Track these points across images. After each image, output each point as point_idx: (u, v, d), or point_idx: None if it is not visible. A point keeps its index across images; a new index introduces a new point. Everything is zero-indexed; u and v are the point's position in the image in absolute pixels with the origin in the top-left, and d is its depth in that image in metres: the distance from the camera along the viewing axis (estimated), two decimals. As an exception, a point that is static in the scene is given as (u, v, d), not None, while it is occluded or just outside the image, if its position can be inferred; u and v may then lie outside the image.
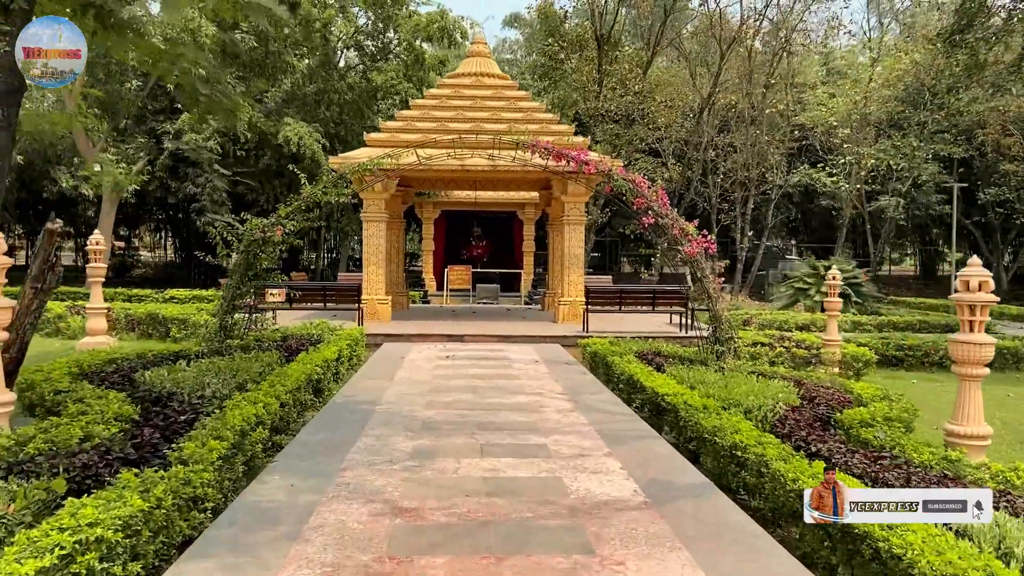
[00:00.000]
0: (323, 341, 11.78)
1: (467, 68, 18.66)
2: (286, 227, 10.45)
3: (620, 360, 10.55)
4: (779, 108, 26.91)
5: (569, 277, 16.73)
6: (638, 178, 10.95)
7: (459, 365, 11.41)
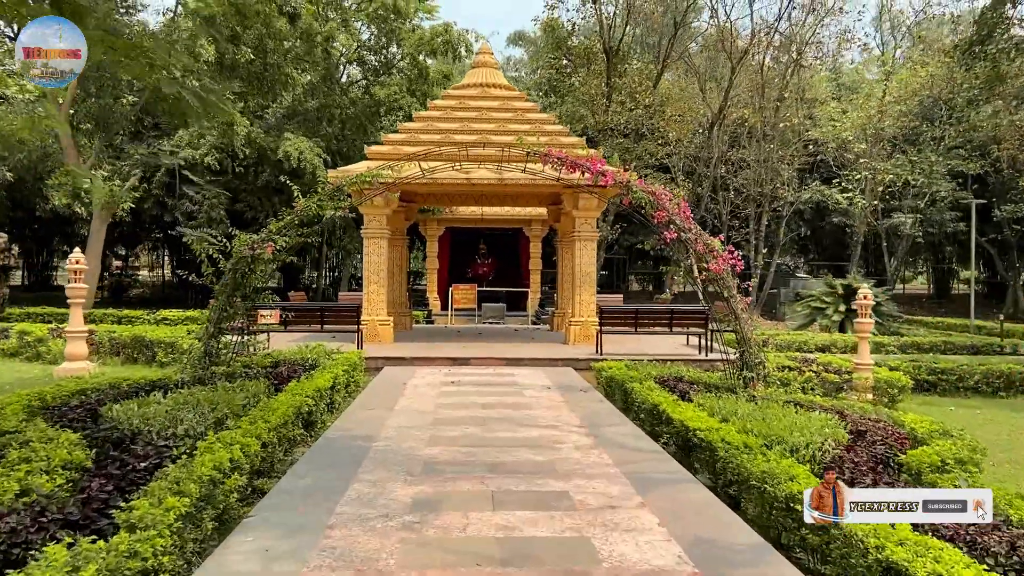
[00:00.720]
0: (318, 367, 10.91)
1: (473, 79, 17.93)
2: (277, 243, 9.62)
3: (640, 387, 9.68)
4: (792, 123, 26.15)
5: (580, 296, 15.87)
6: (659, 190, 10.12)
7: (465, 392, 10.53)
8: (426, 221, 27.14)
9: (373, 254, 15.72)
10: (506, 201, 20.49)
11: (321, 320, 13.54)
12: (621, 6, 25.48)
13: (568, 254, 19.12)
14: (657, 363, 12.17)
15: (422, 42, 26.39)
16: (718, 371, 11.64)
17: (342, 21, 25.12)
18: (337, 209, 10.03)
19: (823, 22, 26.19)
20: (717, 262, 9.89)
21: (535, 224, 27.30)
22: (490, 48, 18.37)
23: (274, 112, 28.45)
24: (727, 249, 10.11)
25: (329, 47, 25.34)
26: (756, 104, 26.30)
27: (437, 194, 19.69)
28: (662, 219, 9.99)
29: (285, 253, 9.93)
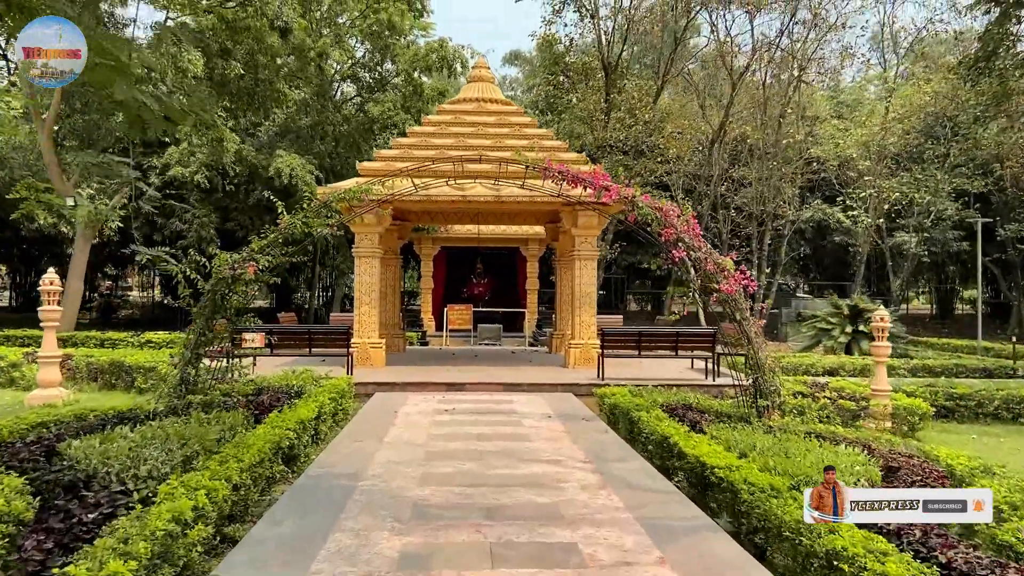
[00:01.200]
0: (304, 394, 10.26)
1: (468, 93, 17.42)
2: (260, 263, 9.00)
3: (648, 417, 9.05)
4: (796, 139, 25.69)
5: (581, 317, 15.25)
6: (666, 206, 9.54)
7: (460, 421, 9.87)
8: (421, 240, 26.57)
9: (365, 274, 15.10)
10: (503, 219, 19.93)
11: (309, 343, 12.89)
12: (620, 21, 25.10)
13: (567, 274, 18.54)
14: (662, 388, 11.54)
15: (417, 58, 25.96)
16: (727, 397, 11.02)
17: (335, 37, 24.68)
18: (325, 226, 9.43)
19: (825, 38, 25.85)
20: (729, 283, 9.30)
21: (532, 243, 26.76)
22: (486, 62, 17.89)
23: (267, 130, 27.95)
24: (739, 269, 9.53)
25: (322, 63, 24.89)
26: (758, 120, 25.85)
27: (432, 212, 19.13)
28: (670, 237, 9.41)
29: (268, 273, 9.32)
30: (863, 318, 22.07)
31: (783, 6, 24.69)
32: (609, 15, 24.75)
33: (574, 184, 9.72)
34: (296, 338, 13.06)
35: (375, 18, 24.80)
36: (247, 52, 20.95)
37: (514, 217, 19.71)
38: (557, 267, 18.87)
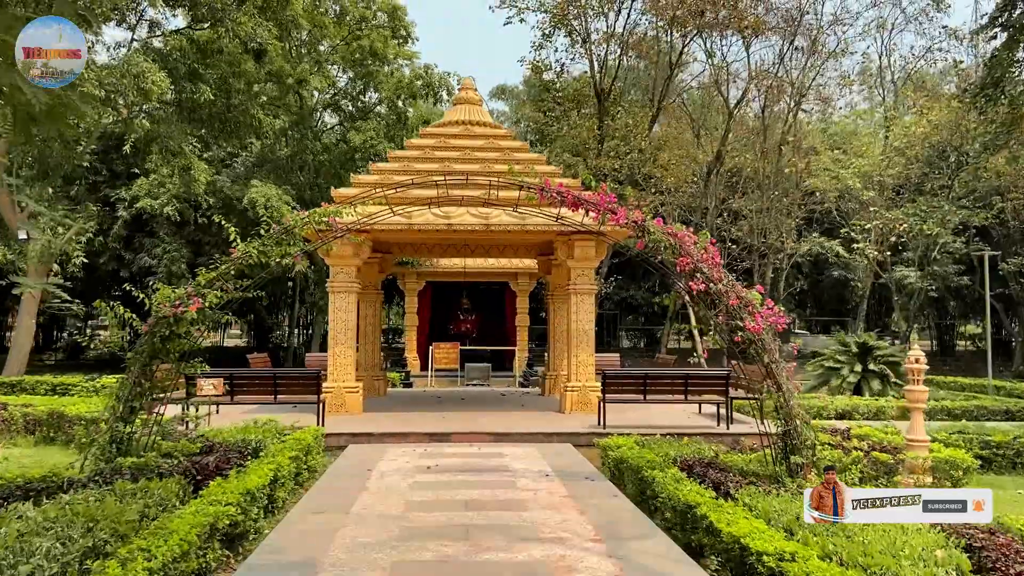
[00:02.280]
0: (263, 450, 8.84)
1: (454, 116, 16.28)
2: (207, 300, 7.65)
3: (663, 478, 7.70)
4: (798, 168, 24.74)
5: (578, 357, 13.92)
6: (681, 232, 8.31)
7: (444, 483, 8.45)
8: (405, 274, 25.28)
9: (341, 310, 13.74)
10: (491, 252, 18.69)
11: (274, 389, 11.45)
12: (613, 47, 24.21)
13: (561, 310, 17.25)
14: (671, 438, 10.20)
15: (401, 86, 24.92)
16: (748, 449, 9.67)
17: (315, 63, 23.60)
18: (286, 256, 8.11)
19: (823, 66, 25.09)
20: (755, 319, 8.04)
21: (522, 278, 25.53)
22: (473, 83, 16.78)
23: (244, 160, 26.73)
24: (766, 304, 8.27)
25: (302, 91, 23.77)
26: (757, 149, 24.90)
27: (415, 243, 17.86)
28: (686, 267, 8.15)
29: (219, 311, 7.96)
30: (872, 356, 20.86)
31: (783, 30, 23.96)
32: (601, 40, 23.89)
33: (574, 207, 8.47)
34: (259, 383, 11.62)
35: (357, 45, 23.79)
36: (219, 76, 19.79)
37: (503, 249, 18.46)
38: (550, 302, 17.60)
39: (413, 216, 13.43)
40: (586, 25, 23.73)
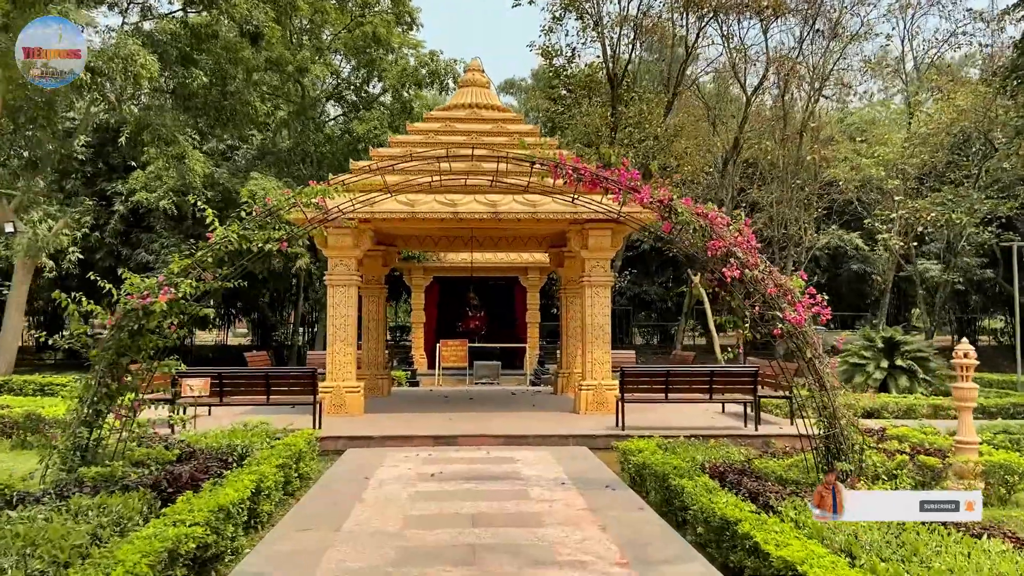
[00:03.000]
0: (249, 456, 8.02)
1: (461, 99, 15.41)
2: (180, 290, 6.81)
3: (694, 487, 6.83)
4: (821, 155, 23.72)
5: (593, 354, 13.04)
6: (712, 212, 7.42)
7: (449, 493, 7.59)
8: (411, 269, 24.45)
9: (340, 305, 12.91)
10: (500, 244, 17.83)
11: (266, 390, 10.62)
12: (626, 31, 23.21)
13: (574, 304, 16.38)
14: (696, 441, 9.33)
15: (406, 73, 24.03)
16: (778, 453, 8.77)
17: (316, 50, 22.73)
18: (271, 242, 7.26)
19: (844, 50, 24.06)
20: (796, 309, 7.15)
21: (532, 272, 24.65)
22: (480, 64, 15.87)
23: (244, 153, 25.97)
24: (807, 292, 7.38)
25: (302, 79, 22.93)
26: (777, 135, 23.86)
27: (420, 236, 17.03)
28: (718, 251, 7.26)
29: (196, 303, 7.12)
30: (899, 352, 19.90)
31: (803, 12, 22.95)
32: (614, 23, 22.91)
33: (592, 185, 7.58)
34: (250, 383, 10.78)
35: (359, 31, 22.93)
36: (214, 62, 18.97)
37: (513, 242, 17.61)
38: (562, 297, 16.72)
39: (416, 204, 12.59)
40: (598, 7, 22.78)
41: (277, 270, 24.99)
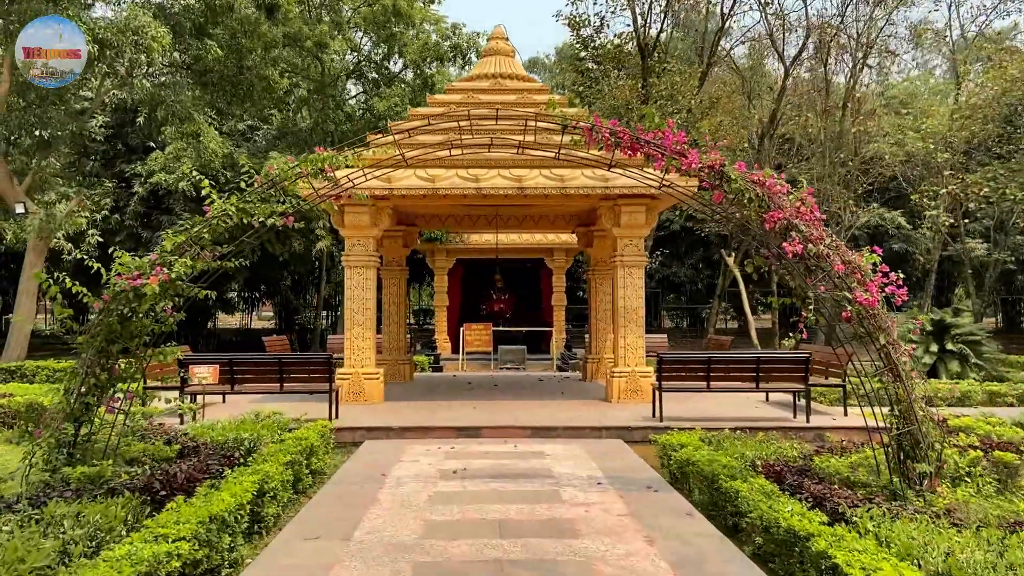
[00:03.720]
0: (257, 451, 7.37)
1: (484, 69, 14.56)
2: (174, 270, 6.12)
3: (750, 491, 6.07)
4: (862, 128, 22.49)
5: (625, 339, 12.23)
6: (770, 179, 6.56)
7: (472, 495, 6.86)
8: (434, 251, 23.74)
9: (358, 287, 12.22)
10: (525, 224, 17.01)
11: (280, 377, 9.96)
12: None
13: (603, 286, 15.57)
14: (741, 434, 8.52)
15: (427, 48, 23.19)
16: (836, 449, 7.93)
17: (335, 24, 21.94)
18: (272, 216, 6.53)
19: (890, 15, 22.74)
20: (868, 290, 6.28)
21: (558, 253, 23.82)
22: (504, 32, 14.98)
23: (265, 133, 25.34)
24: (880, 271, 6.51)
25: (321, 55, 22.19)
26: (819, 106, 22.65)
27: (441, 215, 16.27)
28: (776, 223, 6.41)
29: (192, 284, 6.43)
30: (949, 335, 18.82)
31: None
32: (646, -11, 21.82)
33: (632, 150, 6.73)
34: (262, 370, 10.13)
35: (379, 5, 22.09)
36: (229, 35, 18.27)
37: (539, 221, 16.78)
38: (591, 278, 15.90)
39: (437, 180, 11.83)
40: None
41: (298, 252, 24.43)
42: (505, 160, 12.29)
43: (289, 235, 24.56)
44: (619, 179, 11.84)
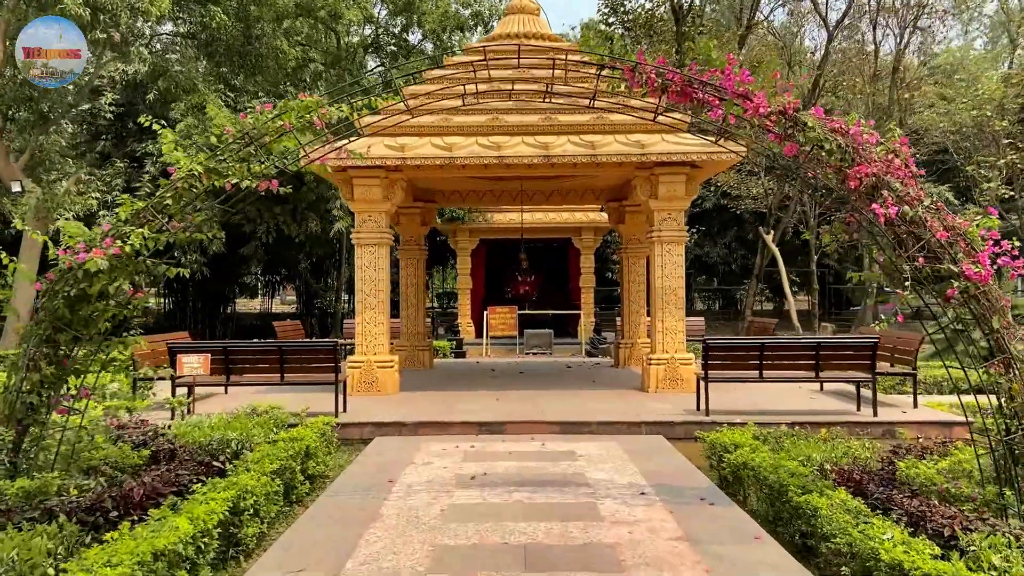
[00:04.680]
0: (244, 454, 6.37)
1: (506, 28, 13.35)
2: (131, 241, 5.09)
3: (831, 508, 4.99)
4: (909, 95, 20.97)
5: (664, 322, 11.05)
6: (854, 126, 5.35)
7: (493, 509, 5.79)
8: (456, 231, 22.67)
9: (369, 267, 11.17)
10: (552, 199, 15.85)
11: (280, 367, 8.94)
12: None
13: (636, 266, 14.40)
14: (800, 430, 7.36)
15: (447, 16, 21.97)
16: (916, 448, 6.77)
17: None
18: (250, 177, 5.47)
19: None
20: (979, 262, 5.07)
21: (586, 233, 22.63)
22: (529, -13, 13.75)
23: (280, 109, 24.33)
24: (989, 237, 5.28)
25: (336, 26, 21.11)
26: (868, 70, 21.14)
27: (461, 190, 15.15)
28: (862, 180, 5.20)
29: (158, 260, 5.40)
30: (1007, 316, 17.30)
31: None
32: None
33: (682, 96, 5.54)
34: (260, 359, 9.12)
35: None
36: (237, 2, 17.21)
37: (566, 195, 15.60)
38: (623, 258, 14.71)
39: (455, 148, 10.71)
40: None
41: (316, 233, 23.50)
42: (530, 126, 11.15)
43: (305, 216, 23.62)
44: (657, 144, 10.65)
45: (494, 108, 11.42)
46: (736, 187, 24.31)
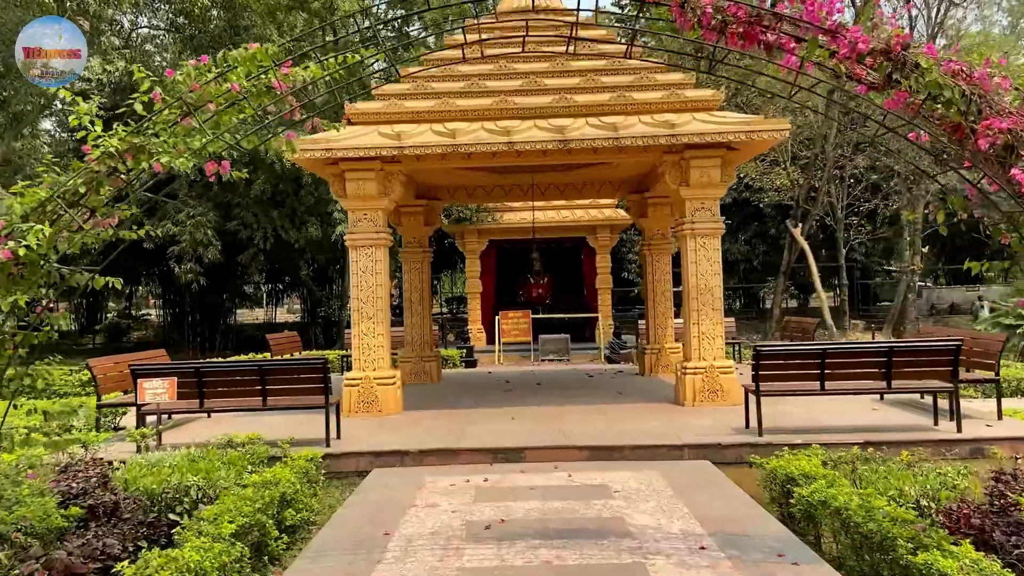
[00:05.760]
0: (201, 506, 5.14)
1: (512, 2, 12.14)
2: (27, 243, 3.88)
3: (960, 572, 3.65)
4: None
5: (700, 326, 9.75)
6: (981, 70, 4.06)
7: (514, 573, 4.52)
8: (464, 232, 21.44)
9: (365, 272, 9.93)
10: (567, 193, 14.59)
11: (262, 390, 7.70)
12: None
13: (661, 263, 13.14)
14: (877, 452, 6.05)
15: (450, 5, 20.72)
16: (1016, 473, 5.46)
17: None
18: (186, 156, 4.24)
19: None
20: None
21: (602, 232, 21.34)
22: (538, -43, 12.50)
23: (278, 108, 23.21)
24: None
25: (330, 18, 19.93)
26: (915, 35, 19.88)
27: (468, 186, 13.92)
28: (996, 139, 3.91)
29: (66, 266, 4.18)
30: None
31: None
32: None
33: (747, 38, 4.25)
34: (236, 381, 7.87)
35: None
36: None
37: (583, 189, 14.34)
38: (646, 255, 13.40)
39: (459, 134, 9.46)
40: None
41: (316, 238, 22.37)
42: (542, 107, 9.89)
43: (305, 220, 22.47)
44: (688, 124, 9.37)
45: (501, 90, 10.19)
46: (758, 179, 22.97)
